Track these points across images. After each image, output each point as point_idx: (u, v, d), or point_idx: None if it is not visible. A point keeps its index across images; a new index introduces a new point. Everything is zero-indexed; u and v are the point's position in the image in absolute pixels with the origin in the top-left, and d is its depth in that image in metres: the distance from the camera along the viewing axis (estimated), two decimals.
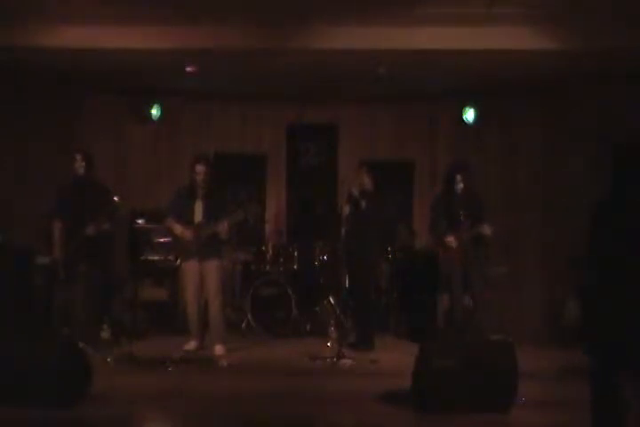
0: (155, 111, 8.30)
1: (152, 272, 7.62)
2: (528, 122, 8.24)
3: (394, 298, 7.59)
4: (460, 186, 6.44)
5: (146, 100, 8.25)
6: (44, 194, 6.79)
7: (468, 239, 6.43)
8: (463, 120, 8.24)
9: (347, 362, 5.91)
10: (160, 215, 6.71)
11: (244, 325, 7.38)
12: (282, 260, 7.64)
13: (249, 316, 7.28)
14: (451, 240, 6.42)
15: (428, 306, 7.27)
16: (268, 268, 7.64)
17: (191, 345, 6.29)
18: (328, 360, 5.95)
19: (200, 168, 6.16)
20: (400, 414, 4.49)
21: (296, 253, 7.66)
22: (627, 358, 2.97)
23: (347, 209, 6.58)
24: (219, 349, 6.20)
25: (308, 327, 7.43)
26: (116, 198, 6.09)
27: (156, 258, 7.65)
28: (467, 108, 8.17)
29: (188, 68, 7.19)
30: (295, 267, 7.64)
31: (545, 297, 7.80)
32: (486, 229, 6.31)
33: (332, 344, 6.42)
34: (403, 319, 7.49)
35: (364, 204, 6.53)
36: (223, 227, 6.08)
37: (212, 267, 6.20)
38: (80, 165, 6.27)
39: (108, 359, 5.76)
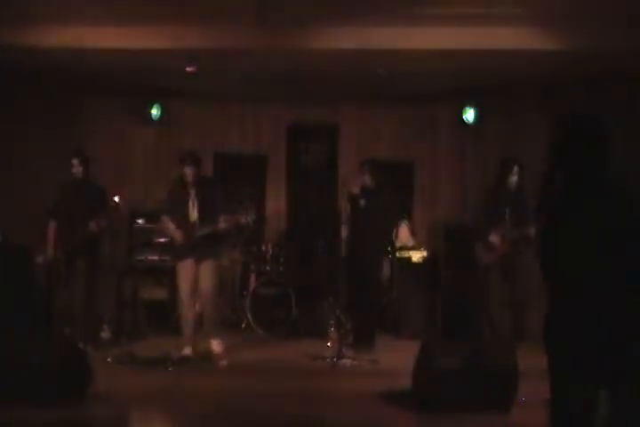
0: (155, 111, 8.29)
1: (151, 272, 7.62)
2: (528, 122, 8.22)
3: (394, 298, 7.59)
4: (515, 179, 6.42)
5: (146, 100, 8.25)
6: (44, 194, 6.78)
7: (513, 240, 6.39)
8: (463, 120, 8.23)
9: (347, 362, 5.91)
10: (160, 215, 6.69)
11: (243, 325, 7.38)
12: (282, 260, 7.64)
13: (249, 316, 7.27)
14: (494, 239, 6.38)
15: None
16: (267, 268, 7.65)
17: (187, 351, 6.19)
18: (328, 360, 5.94)
19: (188, 171, 5.98)
20: (400, 415, 4.50)
21: (296, 253, 7.66)
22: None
23: (347, 208, 6.58)
24: (215, 344, 6.06)
25: (308, 327, 7.43)
26: (116, 199, 6.09)
27: (155, 258, 7.65)
28: (467, 108, 8.16)
29: (188, 68, 7.18)
30: (295, 267, 7.63)
31: (545, 297, 7.77)
32: (532, 231, 6.27)
33: (331, 344, 6.41)
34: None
35: (363, 202, 6.52)
36: (220, 229, 5.99)
37: (208, 267, 6.06)
38: (78, 171, 6.35)
39: (108, 359, 5.77)
